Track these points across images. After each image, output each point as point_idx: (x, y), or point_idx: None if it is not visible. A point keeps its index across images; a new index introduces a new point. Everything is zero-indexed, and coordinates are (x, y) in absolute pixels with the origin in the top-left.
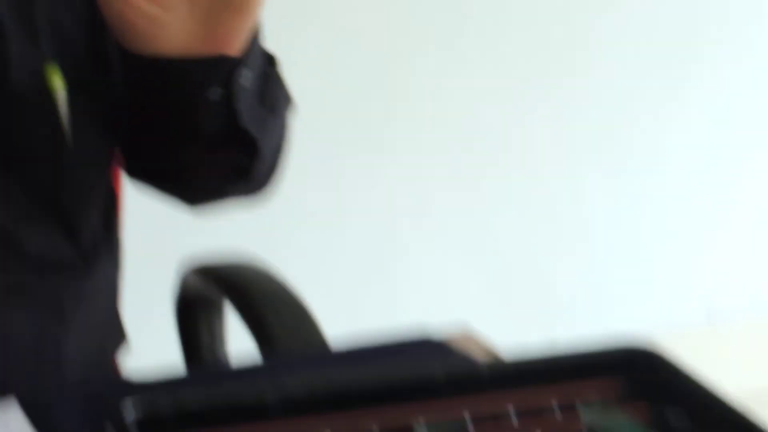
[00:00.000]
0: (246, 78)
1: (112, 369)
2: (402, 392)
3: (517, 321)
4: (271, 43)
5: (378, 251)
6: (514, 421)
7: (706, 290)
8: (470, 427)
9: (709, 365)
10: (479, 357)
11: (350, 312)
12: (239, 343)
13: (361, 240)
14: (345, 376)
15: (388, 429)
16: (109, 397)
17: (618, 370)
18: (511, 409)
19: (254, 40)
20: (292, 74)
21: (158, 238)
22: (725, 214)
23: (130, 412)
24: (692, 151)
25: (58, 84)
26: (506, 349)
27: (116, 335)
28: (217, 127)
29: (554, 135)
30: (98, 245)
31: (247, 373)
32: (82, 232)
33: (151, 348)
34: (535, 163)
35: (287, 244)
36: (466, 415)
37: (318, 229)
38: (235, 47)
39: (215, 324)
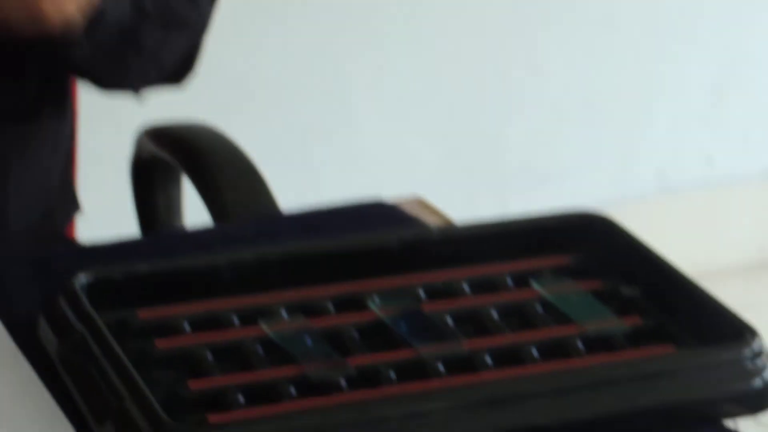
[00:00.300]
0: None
1: (64, 238)
2: (355, 261)
3: (469, 192)
4: None
5: (331, 123)
6: (468, 294)
7: (658, 159)
8: (424, 300)
9: (660, 236)
10: (432, 223)
11: (304, 185)
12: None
13: (313, 112)
14: (298, 246)
15: (342, 303)
16: (60, 265)
17: (570, 240)
18: (464, 282)
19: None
20: None
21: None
22: (677, 82)
23: (81, 281)
24: (644, 16)
25: None
26: (459, 219)
27: (67, 203)
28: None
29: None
30: (44, 94)
31: (199, 239)
32: (26, 78)
33: (107, 218)
34: (487, 28)
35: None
36: (420, 290)
37: (271, 102)
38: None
39: (171, 190)
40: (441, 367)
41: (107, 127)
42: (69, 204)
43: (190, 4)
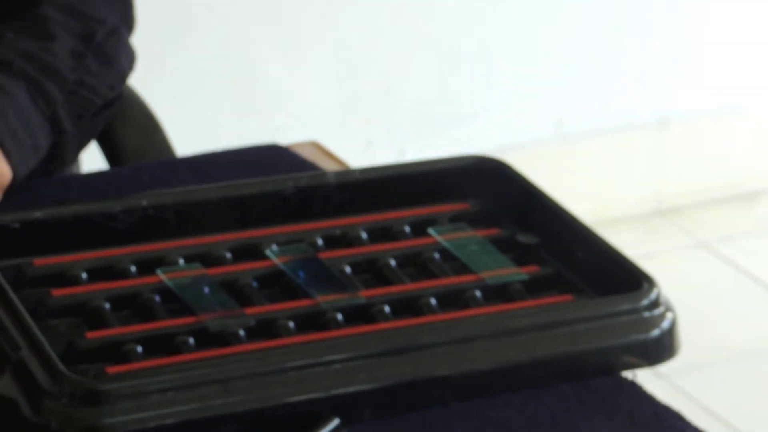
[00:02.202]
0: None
1: None
2: (251, 207)
3: (366, 138)
4: None
5: (228, 66)
6: (366, 242)
7: (555, 104)
8: (321, 248)
9: (557, 183)
10: (328, 168)
11: (200, 130)
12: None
13: (210, 55)
14: (193, 192)
15: (239, 251)
16: None
17: (468, 187)
18: (361, 230)
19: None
20: None
21: None
22: (573, 26)
23: None
24: None
25: None
26: (356, 166)
27: None
28: None
29: None
30: None
31: (93, 184)
32: None
33: None
34: None
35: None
36: (317, 237)
37: (167, 46)
38: None
39: None
40: (339, 317)
41: None
42: None
43: (106, 89)
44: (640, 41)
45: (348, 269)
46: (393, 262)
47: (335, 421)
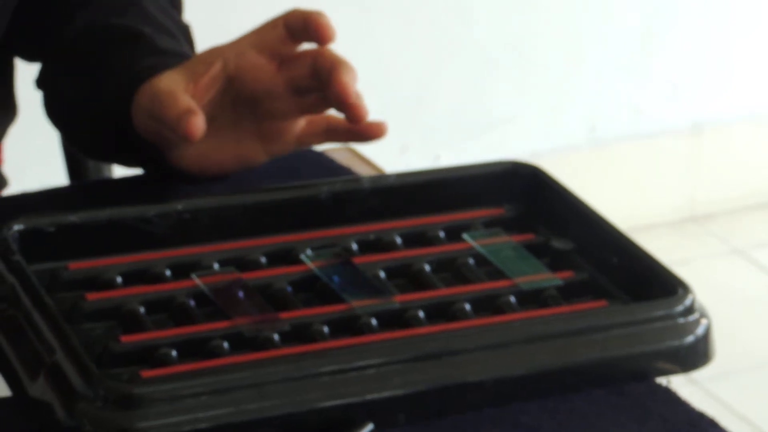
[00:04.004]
0: None
1: None
2: (286, 212)
3: (400, 143)
4: None
5: None
6: (400, 247)
7: (588, 110)
8: (356, 253)
9: (591, 188)
10: (363, 173)
11: None
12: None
13: None
14: (229, 197)
15: (274, 256)
16: None
17: (502, 192)
18: (396, 235)
19: None
20: None
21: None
22: (605, 32)
23: (11, 230)
24: None
25: None
26: (390, 171)
27: None
28: None
29: None
30: None
31: (130, 186)
32: None
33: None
34: None
35: None
36: (352, 242)
37: None
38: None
39: None
40: (374, 322)
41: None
42: None
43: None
44: (673, 47)
45: (382, 274)
46: (427, 267)
47: (369, 426)
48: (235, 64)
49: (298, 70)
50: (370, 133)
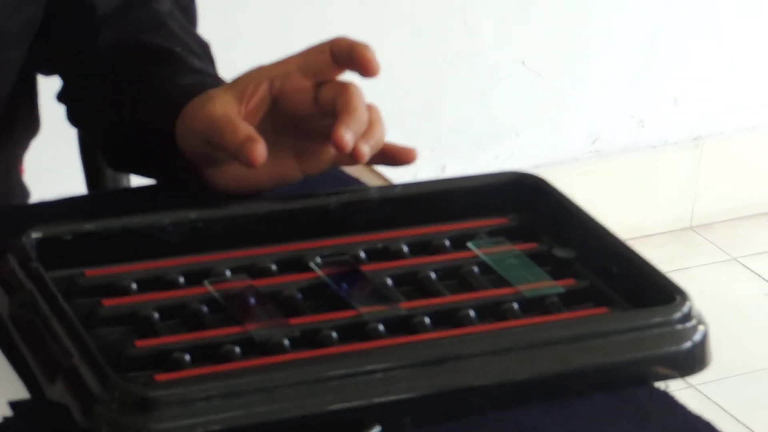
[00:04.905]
0: None
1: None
2: (296, 221)
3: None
4: None
5: None
6: (407, 255)
7: (590, 122)
8: (364, 261)
9: (593, 198)
10: (371, 183)
11: None
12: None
13: None
14: (241, 206)
15: (285, 263)
16: (9, 222)
17: (506, 202)
18: (403, 244)
19: None
20: None
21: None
22: (608, 46)
23: (29, 238)
24: None
25: None
26: (398, 181)
27: (20, 195)
28: None
29: None
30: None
31: (144, 195)
32: None
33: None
34: None
35: None
36: (360, 251)
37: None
38: None
39: None
40: (381, 328)
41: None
42: (21, 195)
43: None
44: (674, 62)
45: (389, 281)
46: (433, 275)
47: (377, 429)
48: (280, 85)
49: (325, 94)
50: (403, 156)
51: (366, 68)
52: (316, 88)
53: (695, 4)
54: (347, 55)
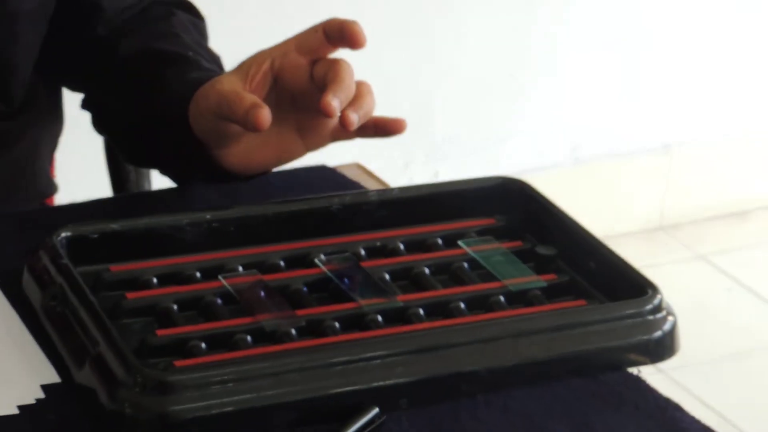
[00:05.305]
0: None
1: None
2: (302, 222)
3: (404, 161)
4: None
5: None
6: (403, 252)
7: (571, 133)
8: (363, 258)
9: (572, 201)
10: (370, 187)
11: None
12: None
13: None
14: (251, 207)
15: (292, 260)
16: (41, 222)
17: (493, 204)
18: (399, 242)
19: None
20: None
21: None
22: (587, 64)
23: (60, 237)
24: (558, 6)
25: None
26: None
27: (47, 187)
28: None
29: None
30: (30, 100)
31: (164, 199)
32: (14, 88)
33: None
34: (416, 12)
35: None
36: (360, 248)
37: None
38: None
39: None
40: (379, 319)
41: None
42: (47, 187)
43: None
44: (647, 77)
45: (387, 276)
46: (427, 271)
47: (375, 410)
48: (279, 63)
49: (318, 69)
50: (393, 126)
51: (354, 41)
52: (312, 65)
53: (668, 28)
54: (338, 31)
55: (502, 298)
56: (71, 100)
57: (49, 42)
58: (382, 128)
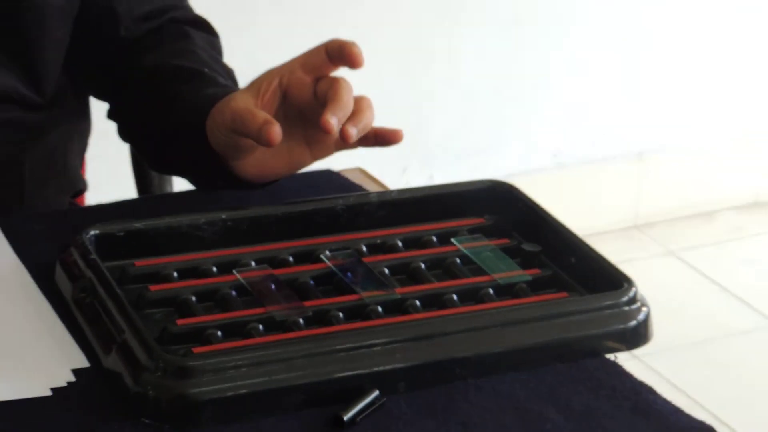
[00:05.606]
0: None
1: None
2: (309, 221)
3: (402, 167)
4: None
5: None
6: (401, 249)
7: (553, 140)
8: (365, 254)
9: (555, 202)
10: (371, 189)
11: None
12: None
13: None
14: (263, 208)
15: (299, 256)
16: (72, 221)
17: (483, 205)
18: (397, 239)
19: None
20: None
21: None
22: (568, 78)
23: (89, 234)
24: (544, 20)
25: None
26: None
27: (77, 183)
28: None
29: None
30: (60, 94)
31: (184, 201)
32: (44, 80)
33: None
34: (415, 30)
35: None
36: (362, 245)
37: None
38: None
39: None
40: (379, 309)
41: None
42: (77, 183)
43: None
44: (624, 91)
45: (386, 271)
46: (422, 266)
47: (375, 392)
48: (287, 80)
49: (321, 87)
50: (392, 137)
51: (353, 61)
52: (316, 82)
53: (640, 53)
54: (338, 52)
55: (491, 291)
56: (100, 111)
57: (74, 44)
58: (382, 138)
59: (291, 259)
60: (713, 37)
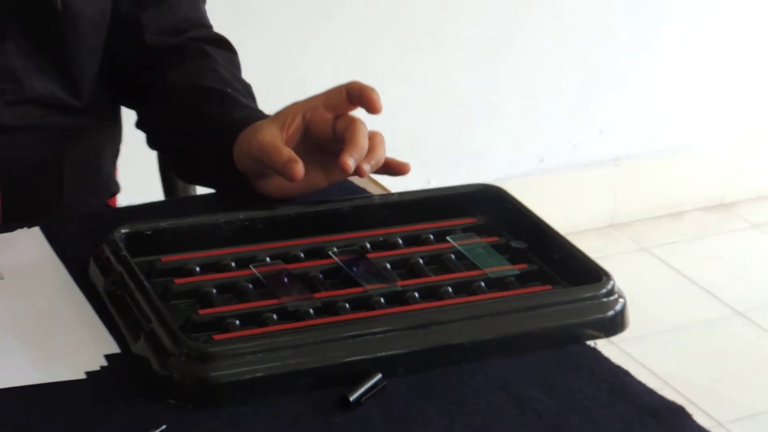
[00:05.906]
0: None
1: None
2: (318, 220)
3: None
4: None
5: None
6: (401, 246)
7: (538, 147)
8: (369, 250)
9: (540, 204)
10: (374, 192)
11: None
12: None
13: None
14: (277, 209)
15: (310, 252)
16: (104, 221)
17: (475, 206)
18: (398, 237)
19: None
20: None
21: None
22: (551, 91)
23: (120, 233)
24: (532, 39)
25: None
26: (394, 190)
27: (110, 186)
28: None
29: None
30: (95, 99)
31: (207, 201)
32: (81, 86)
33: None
34: (414, 47)
35: None
36: (366, 242)
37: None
38: None
39: None
40: (382, 301)
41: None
42: (111, 186)
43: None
44: (600, 103)
45: (388, 266)
46: (421, 261)
47: (378, 376)
48: (310, 116)
49: (340, 125)
50: (400, 169)
51: (372, 107)
52: (335, 119)
53: (617, 57)
54: (358, 95)
55: (482, 284)
56: (131, 119)
57: (104, 52)
58: (391, 170)
59: (302, 255)
60: (681, 44)
